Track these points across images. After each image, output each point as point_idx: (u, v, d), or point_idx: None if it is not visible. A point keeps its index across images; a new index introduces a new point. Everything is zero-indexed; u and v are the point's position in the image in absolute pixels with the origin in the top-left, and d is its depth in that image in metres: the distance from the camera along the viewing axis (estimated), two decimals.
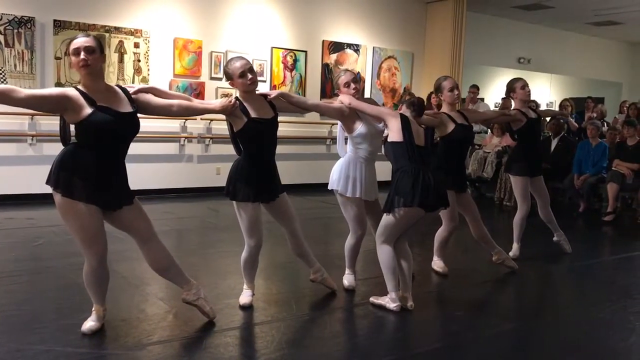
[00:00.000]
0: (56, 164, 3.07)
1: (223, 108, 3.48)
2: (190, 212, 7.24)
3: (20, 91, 2.87)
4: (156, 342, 3.20)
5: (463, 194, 4.65)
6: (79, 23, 7.42)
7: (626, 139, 8.05)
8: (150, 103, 3.28)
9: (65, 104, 2.97)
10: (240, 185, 3.61)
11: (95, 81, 3.07)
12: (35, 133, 7.24)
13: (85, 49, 2.98)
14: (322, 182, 9.38)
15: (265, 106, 3.67)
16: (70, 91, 3.02)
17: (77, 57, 2.99)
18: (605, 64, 14.38)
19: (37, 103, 2.98)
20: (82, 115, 2.99)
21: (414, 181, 3.71)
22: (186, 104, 3.43)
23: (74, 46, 3.01)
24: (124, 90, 3.21)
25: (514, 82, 5.25)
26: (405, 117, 3.88)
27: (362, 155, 4.03)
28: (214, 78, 8.53)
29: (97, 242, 3.11)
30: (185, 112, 3.50)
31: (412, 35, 10.66)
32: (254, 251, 3.73)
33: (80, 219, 3.04)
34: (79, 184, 3.01)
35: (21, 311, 3.60)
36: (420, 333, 3.63)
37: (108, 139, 3.07)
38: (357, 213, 4.06)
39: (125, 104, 3.14)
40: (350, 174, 4.02)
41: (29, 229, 5.89)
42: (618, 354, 3.33)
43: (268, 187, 3.70)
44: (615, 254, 6.28)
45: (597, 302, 4.29)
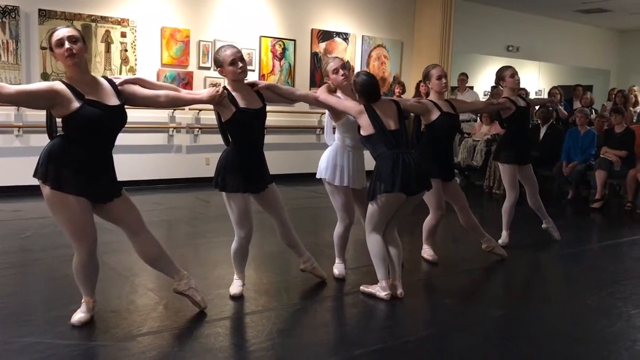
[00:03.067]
0: (44, 157, 3.03)
1: (211, 98, 3.46)
2: (179, 203, 7.22)
3: (8, 87, 2.83)
4: (146, 333, 3.19)
5: (450, 183, 4.65)
6: (64, 12, 7.33)
7: (614, 127, 8.10)
8: (137, 94, 3.24)
9: (53, 98, 2.94)
10: (230, 176, 3.59)
11: (81, 73, 3.03)
12: (22, 124, 7.16)
13: (68, 39, 2.95)
14: (312, 171, 9.41)
15: (253, 96, 3.65)
16: (57, 85, 2.97)
17: (62, 48, 2.95)
18: (594, 51, 14.43)
19: (25, 99, 2.95)
20: (70, 109, 2.95)
21: (393, 166, 3.69)
22: (173, 95, 3.39)
23: (57, 38, 2.96)
24: (110, 82, 3.17)
25: (503, 70, 5.25)
26: (370, 106, 3.83)
27: (349, 144, 4.02)
28: (202, 67, 8.48)
29: (87, 234, 3.10)
30: (172, 103, 3.48)
31: (401, 23, 10.64)
32: (244, 242, 3.72)
33: (70, 212, 3.02)
34: (68, 177, 2.99)
35: (9, 304, 3.58)
36: (409, 321, 3.65)
37: (96, 132, 3.04)
38: (344, 201, 4.06)
39: (112, 96, 3.10)
40: (337, 163, 4.01)
41: (16, 221, 5.85)
42: (606, 340, 3.36)
43: (257, 178, 3.69)
44: (603, 241, 6.34)
45: (585, 288, 4.33)
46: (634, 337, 3.38)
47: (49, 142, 3.09)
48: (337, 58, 4.13)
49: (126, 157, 3.13)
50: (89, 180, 3.03)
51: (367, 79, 3.84)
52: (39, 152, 3.08)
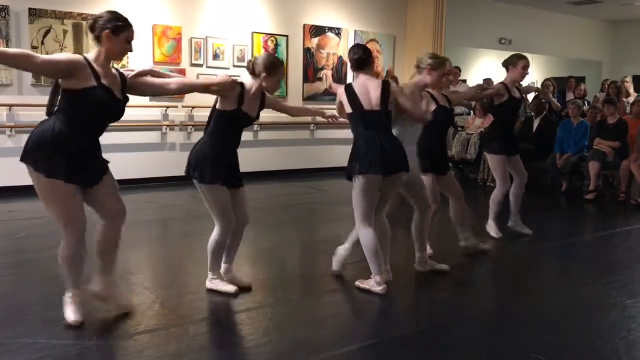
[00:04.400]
0: (34, 142, 3.02)
1: (222, 84, 3.48)
2: (173, 201, 7.21)
3: (36, 57, 2.91)
4: (142, 331, 3.19)
5: (445, 177, 4.65)
6: (54, 11, 7.28)
7: (607, 118, 8.12)
8: (147, 83, 3.34)
9: (72, 69, 2.99)
10: (209, 168, 3.57)
11: (109, 62, 3.17)
12: (14, 124, 7.12)
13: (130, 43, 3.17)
14: (307, 167, 9.46)
15: (257, 105, 3.70)
16: (79, 58, 3.05)
17: (128, 44, 3.15)
18: (586, 43, 14.45)
19: (50, 69, 2.99)
20: (83, 85, 3.01)
21: (368, 146, 3.68)
22: (183, 81, 3.51)
23: (131, 35, 3.17)
24: (121, 76, 3.24)
25: (518, 58, 5.10)
26: (350, 86, 3.83)
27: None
28: (195, 64, 8.44)
29: (77, 221, 3.11)
30: (183, 89, 3.57)
31: (394, 18, 10.62)
32: (227, 231, 3.69)
33: (60, 198, 3.04)
34: (60, 163, 2.99)
35: (4, 304, 3.56)
36: (405, 315, 3.66)
37: (98, 115, 3.11)
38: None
39: (119, 88, 3.19)
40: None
41: (10, 222, 5.82)
42: (601, 330, 3.38)
43: (235, 174, 3.71)
44: (597, 232, 6.37)
45: (579, 279, 4.35)
46: (629, 327, 3.40)
47: (40, 124, 3.09)
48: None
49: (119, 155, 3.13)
50: (78, 165, 3.05)
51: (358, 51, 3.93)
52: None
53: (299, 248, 5.28)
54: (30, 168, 3.02)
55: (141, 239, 5.25)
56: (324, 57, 9.80)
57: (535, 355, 2.98)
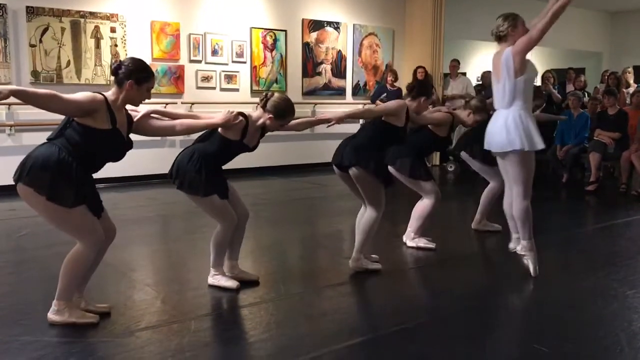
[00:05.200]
0: (37, 163, 2.97)
1: (225, 122, 3.51)
2: (174, 198, 7.11)
3: (60, 97, 2.88)
4: (144, 328, 3.19)
5: None
6: (52, 9, 7.26)
7: (607, 109, 8.11)
8: (152, 126, 3.40)
9: (93, 109, 2.99)
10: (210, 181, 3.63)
11: (125, 106, 3.18)
12: (14, 123, 7.12)
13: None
14: (307, 162, 9.45)
15: (258, 136, 3.73)
16: (100, 99, 3.02)
17: (148, 93, 3.17)
18: (585, 34, 14.40)
19: (73, 108, 2.96)
20: (99, 125, 3.02)
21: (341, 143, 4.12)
22: (188, 123, 3.49)
23: (152, 84, 3.17)
24: (129, 117, 3.24)
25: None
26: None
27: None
28: (193, 61, 8.43)
29: (96, 230, 3.12)
30: (188, 130, 3.59)
31: (392, 11, 10.59)
32: (231, 228, 3.71)
33: (70, 219, 3.05)
34: (66, 189, 2.97)
35: (6, 303, 3.57)
36: (406, 308, 3.65)
37: (104, 156, 3.17)
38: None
39: (126, 129, 3.22)
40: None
41: (11, 220, 5.82)
42: (602, 321, 3.38)
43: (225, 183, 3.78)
44: (598, 223, 6.37)
45: (581, 270, 4.35)
46: (630, 318, 3.40)
47: (40, 147, 3.05)
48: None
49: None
50: (83, 191, 3.07)
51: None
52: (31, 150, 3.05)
53: (300, 243, 5.28)
54: (29, 190, 3.00)
55: (142, 235, 5.26)
56: (323, 52, 9.78)
57: (537, 346, 2.98)
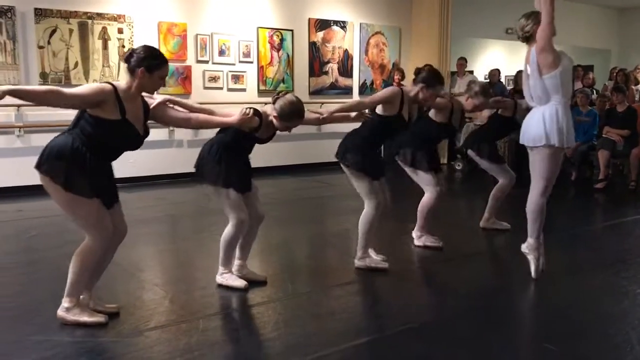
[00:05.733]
0: (54, 153, 3.00)
1: (241, 122, 3.49)
2: (182, 197, 7.22)
3: (64, 92, 2.91)
4: (153, 327, 3.20)
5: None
6: (60, 11, 7.30)
7: (615, 106, 8.06)
8: (168, 116, 3.37)
9: (100, 100, 3.00)
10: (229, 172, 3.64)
11: (138, 95, 3.15)
12: (23, 124, 7.16)
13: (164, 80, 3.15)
14: (315, 162, 9.44)
15: (271, 130, 3.74)
16: (107, 89, 3.02)
17: (162, 81, 3.14)
18: (593, 31, 14.32)
19: (78, 102, 2.99)
20: (108, 116, 3.02)
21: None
22: (203, 118, 3.45)
23: (164, 72, 3.12)
24: (145, 106, 3.23)
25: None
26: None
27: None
28: (200, 61, 8.45)
29: (106, 225, 3.13)
30: (202, 126, 3.61)
31: (399, 10, 10.57)
32: (241, 228, 3.71)
33: (84, 209, 3.06)
34: (80, 179, 3.01)
35: (17, 303, 3.60)
36: (413, 307, 3.64)
37: (116, 146, 3.16)
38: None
39: (142, 121, 3.19)
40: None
41: (20, 221, 5.86)
42: (612, 318, 3.36)
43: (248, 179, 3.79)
44: (608, 221, 6.33)
45: (590, 269, 4.33)
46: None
47: (57, 138, 3.08)
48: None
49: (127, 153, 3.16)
50: (97, 182, 3.08)
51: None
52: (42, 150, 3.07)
53: (308, 242, 5.28)
54: (47, 178, 3.02)
55: (150, 235, 5.28)
56: (329, 51, 9.78)
57: (547, 345, 2.97)
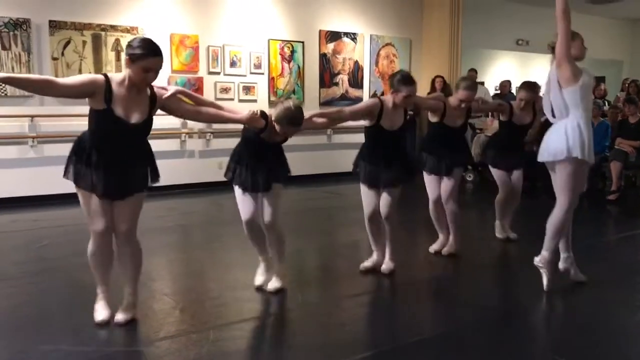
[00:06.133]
0: (69, 152, 3.22)
1: (249, 119, 3.54)
2: (193, 207, 7.25)
3: (56, 82, 3.02)
4: (163, 337, 3.21)
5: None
6: (74, 23, 7.39)
7: (628, 117, 8.01)
8: (180, 108, 3.40)
9: (92, 90, 3.07)
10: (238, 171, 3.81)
11: (135, 84, 3.14)
12: (36, 135, 7.23)
13: (155, 72, 3.10)
14: (324, 172, 9.46)
15: (277, 134, 3.72)
16: (97, 79, 3.09)
17: (147, 74, 3.08)
18: (606, 42, 14.27)
19: (70, 92, 3.07)
20: (97, 106, 3.11)
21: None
22: (214, 112, 3.50)
23: (149, 64, 3.05)
24: (152, 93, 3.25)
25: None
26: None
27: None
28: (212, 72, 8.51)
29: (97, 221, 3.22)
30: (212, 119, 3.70)
31: (409, 21, 10.60)
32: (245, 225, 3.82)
33: (84, 199, 3.24)
34: (82, 171, 3.15)
35: (28, 311, 3.61)
36: (425, 319, 3.63)
37: (107, 136, 3.16)
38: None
39: (142, 111, 3.20)
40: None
41: (33, 231, 5.90)
42: (627, 332, 3.32)
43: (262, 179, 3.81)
44: (621, 233, 6.27)
45: (603, 281, 4.28)
46: None
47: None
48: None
49: None
50: (100, 176, 3.14)
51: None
52: (54, 162, 3.18)
53: (318, 253, 5.28)
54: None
55: (162, 245, 5.29)
56: (340, 62, 9.81)
57: (557, 358, 2.94)
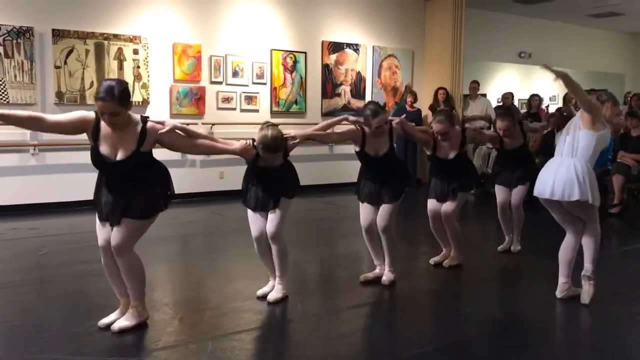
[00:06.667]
0: None
1: (242, 150, 3.67)
2: (194, 217, 7.24)
3: (44, 120, 3.14)
4: (162, 347, 3.19)
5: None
6: (77, 32, 7.42)
7: (630, 130, 8.01)
8: (176, 142, 3.48)
9: (81, 128, 3.23)
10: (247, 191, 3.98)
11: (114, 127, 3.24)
12: (37, 143, 7.23)
13: (110, 115, 3.12)
14: (326, 183, 9.45)
15: (273, 158, 3.84)
16: (87, 117, 3.24)
17: (103, 117, 3.15)
18: (607, 55, 14.32)
19: (58, 129, 3.22)
20: (89, 141, 3.25)
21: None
22: (209, 144, 3.63)
23: (99, 109, 3.12)
24: (143, 127, 3.29)
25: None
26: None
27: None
28: (214, 82, 8.53)
29: (98, 236, 3.39)
30: (207, 151, 3.86)
31: (412, 33, 10.64)
32: (255, 241, 3.93)
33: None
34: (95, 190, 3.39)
35: (26, 320, 3.60)
36: (428, 330, 3.60)
37: (102, 173, 3.35)
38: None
39: (129, 145, 3.25)
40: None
41: (33, 239, 5.89)
42: (626, 347, 3.30)
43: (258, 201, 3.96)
44: (623, 246, 6.24)
45: (604, 294, 4.25)
46: None
47: None
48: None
49: None
50: (104, 200, 3.33)
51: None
52: (55, 171, 3.21)
53: (318, 264, 5.26)
54: None
55: (162, 255, 5.28)
56: (342, 73, 9.84)
57: None
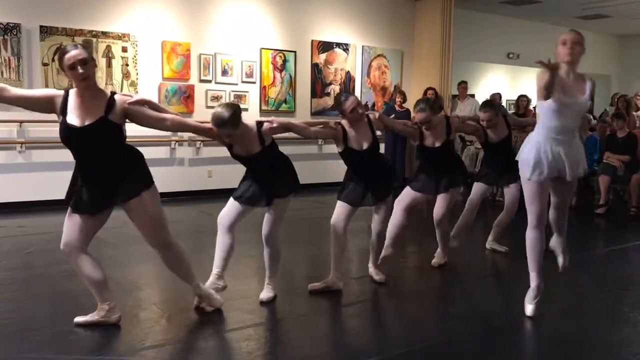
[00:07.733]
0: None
1: (211, 134, 3.65)
2: (182, 216, 7.20)
3: (9, 90, 3.03)
4: (149, 346, 3.18)
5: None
6: (65, 29, 7.37)
7: (616, 132, 8.09)
8: (144, 113, 3.30)
9: (48, 104, 3.12)
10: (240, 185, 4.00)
11: (85, 88, 3.11)
12: (24, 140, 7.17)
13: (79, 62, 3.02)
14: (315, 182, 9.45)
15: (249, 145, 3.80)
16: (53, 94, 3.15)
17: (75, 71, 3.03)
18: (594, 57, 14.39)
19: (23, 103, 3.13)
20: (58, 121, 3.14)
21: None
22: (179, 120, 3.50)
23: (69, 61, 3.02)
24: (110, 99, 3.18)
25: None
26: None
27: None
28: (203, 80, 8.50)
29: (64, 235, 3.28)
30: (177, 128, 3.69)
31: (401, 33, 10.67)
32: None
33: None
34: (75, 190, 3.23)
35: (13, 319, 3.57)
36: (414, 330, 3.62)
37: (71, 148, 3.19)
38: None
39: (97, 112, 3.12)
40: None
41: (20, 237, 5.84)
42: (613, 346, 3.33)
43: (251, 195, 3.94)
44: (608, 246, 6.31)
45: (590, 294, 4.30)
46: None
47: None
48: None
49: None
50: (85, 192, 3.20)
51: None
52: (42, 168, 3.17)
53: (306, 263, 5.26)
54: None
55: (149, 254, 5.21)
56: (331, 73, 9.84)
57: None
